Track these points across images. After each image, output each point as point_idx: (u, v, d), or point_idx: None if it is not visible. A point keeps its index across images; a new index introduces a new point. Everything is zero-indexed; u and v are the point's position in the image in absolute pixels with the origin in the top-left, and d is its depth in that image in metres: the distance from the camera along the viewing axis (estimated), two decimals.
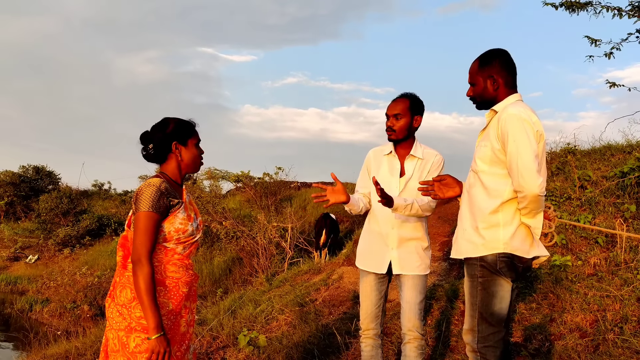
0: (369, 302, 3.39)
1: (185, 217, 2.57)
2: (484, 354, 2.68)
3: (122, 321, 2.47)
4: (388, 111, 3.33)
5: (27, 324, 10.04)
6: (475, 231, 2.69)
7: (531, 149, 2.51)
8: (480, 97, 2.79)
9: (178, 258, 2.58)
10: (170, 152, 2.62)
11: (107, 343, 2.54)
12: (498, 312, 2.65)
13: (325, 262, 9.12)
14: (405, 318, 3.28)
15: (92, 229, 19.20)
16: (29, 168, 24.39)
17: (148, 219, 2.42)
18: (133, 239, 2.44)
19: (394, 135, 3.32)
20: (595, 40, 7.90)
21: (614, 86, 7.80)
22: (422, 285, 3.31)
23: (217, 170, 16.63)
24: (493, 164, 2.66)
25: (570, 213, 6.07)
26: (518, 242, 2.62)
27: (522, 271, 2.69)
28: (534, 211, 2.60)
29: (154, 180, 2.51)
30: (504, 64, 2.74)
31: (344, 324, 5.23)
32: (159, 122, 2.65)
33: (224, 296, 8.64)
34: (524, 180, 2.51)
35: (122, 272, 2.53)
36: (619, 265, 4.83)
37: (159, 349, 2.39)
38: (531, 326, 4.31)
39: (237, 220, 11.46)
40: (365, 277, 3.41)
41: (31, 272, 16.67)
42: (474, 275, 2.70)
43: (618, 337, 3.81)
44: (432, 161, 3.35)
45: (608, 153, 7.80)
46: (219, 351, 4.95)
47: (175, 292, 2.55)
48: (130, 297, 2.47)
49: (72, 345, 5.78)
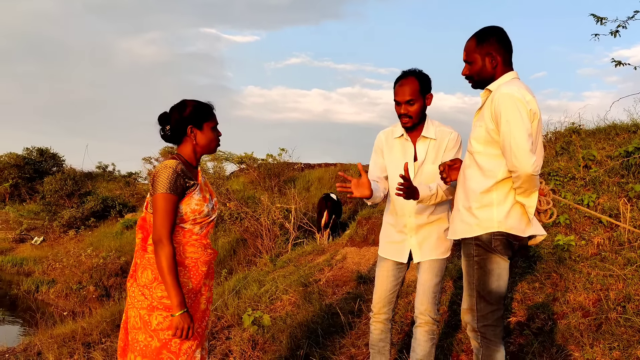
0: (383, 287, 3.29)
1: (201, 198, 2.61)
2: (483, 333, 2.69)
3: (144, 300, 2.53)
4: (398, 97, 3.10)
5: (34, 304, 10.14)
6: (469, 211, 2.68)
7: (524, 129, 2.47)
8: (478, 76, 2.74)
9: (196, 238, 2.62)
10: (186, 136, 2.64)
11: (127, 320, 2.61)
12: (496, 290, 2.65)
13: (328, 242, 9.15)
14: (419, 301, 3.19)
15: (96, 211, 19.30)
16: (33, 150, 24.44)
17: (166, 200, 2.46)
18: (153, 221, 2.48)
19: (411, 122, 3.11)
20: (601, 18, 7.79)
21: (619, 65, 7.70)
22: (440, 268, 3.19)
23: (221, 152, 16.62)
24: (487, 144, 2.63)
25: (574, 193, 6.05)
26: (514, 221, 2.60)
27: (519, 249, 2.68)
28: (529, 190, 2.57)
29: (170, 162, 2.54)
30: (501, 41, 2.69)
31: (347, 304, 5.26)
32: (177, 104, 2.66)
33: (229, 277, 8.70)
34: (517, 160, 2.47)
35: (143, 254, 2.59)
36: (623, 245, 4.82)
37: (183, 324, 2.45)
38: (534, 305, 4.33)
39: (240, 202, 11.48)
40: (383, 262, 3.31)
41: (37, 254, 16.80)
42: (470, 255, 2.69)
43: (621, 316, 3.82)
44: (446, 141, 3.16)
45: (613, 132, 7.74)
46: (224, 331, 4.99)
47: (195, 271, 2.61)
48: (152, 277, 2.53)
49: (78, 325, 5.84)
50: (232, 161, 17.11)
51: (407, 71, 3.13)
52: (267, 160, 16.19)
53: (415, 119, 3.11)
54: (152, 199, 2.51)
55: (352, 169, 16.37)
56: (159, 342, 2.50)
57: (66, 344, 5.25)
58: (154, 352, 2.50)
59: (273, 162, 16.11)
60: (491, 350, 2.68)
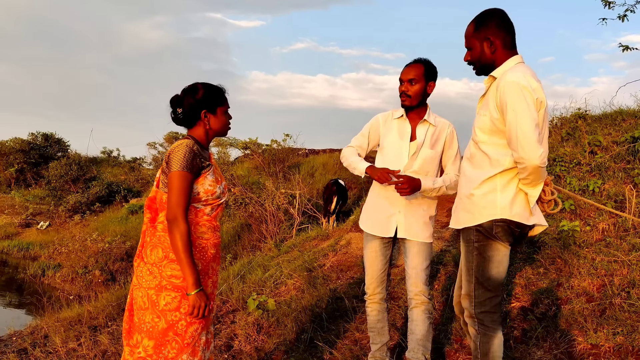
0: (374, 267, 3.40)
1: (214, 179, 2.61)
2: (481, 320, 2.67)
3: (152, 279, 2.51)
4: (402, 76, 3.27)
5: (40, 288, 10.23)
6: (470, 199, 2.65)
7: (531, 118, 2.41)
8: (479, 62, 2.68)
9: (207, 219, 2.61)
10: (199, 119, 2.63)
11: (132, 302, 2.59)
12: (495, 277, 2.62)
13: (333, 228, 9.17)
14: (412, 283, 3.30)
15: (101, 196, 19.38)
16: (38, 135, 24.52)
17: (182, 178, 2.45)
18: (168, 199, 2.47)
19: (408, 101, 3.26)
20: (609, 2, 7.72)
21: (627, 49, 7.64)
22: (428, 251, 3.32)
23: (226, 137, 16.63)
24: (493, 133, 2.58)
25: (579, 179, 6.03)
26: (519, 208, 2.57)
27: (519, 235, 2.65)
28: (535, 182, 2.53)
29: (186, 141, 2.53)
30: (501, 24, 2.60)
31: (351, 289, 5.28)
32: (189, 87, 2.64)
33: (233, 261, 8.73)
34: (524, 151, 2.42)
35: (153, 232, 2.56)
36: (628, 231, 4.82)
37: (200, 302, 2.46)
38: (538, 290, 4.34)
39: (245, 187, 11.51)
40: (370, 243, 3.41)
41: (43, 238, 16.90)
42: (470, 240, 2.66)
43: (625, 301, 3.82)
44: (446, 132, 3.32)
45: (619, 118, 7.70)
46: (229, 315, 5.02)
47: (205, 253, 2.60)
48: (162, 255, 2.51)
49: (84, 309, 5.87)
50: (237, 147, 17.13)
51: (417, 58, 3.31)
52: (271, 146, 16.18)
53: (413, 101, 3.26)
54: (167, 177, 2.50)
55: None
56: (166, 324, 2.49)
57: (73, 327, 5.29)
58: (160, 333, 2.49)
59: (277, 148, 16.10)
60: (488, 336, 2.66)
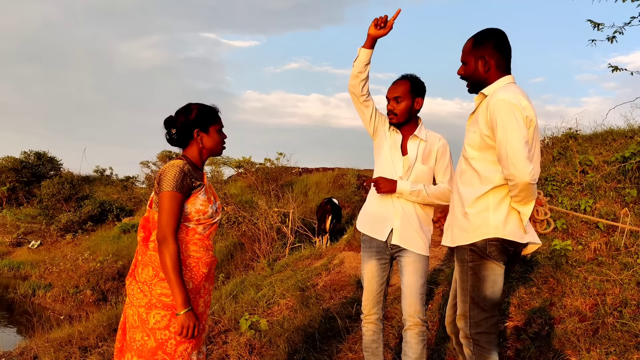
0: (371, 287, 3.37)
1: (206, 199, 2.64)
2: (477, 341, 2.63)
3: (142, 298, 2.53)
4: (388, 94, 3.28)
5: (31, 308, 10.12)
6: (465, 217, 2.63)
7: (521, 136, 2.43)
8: (471, 78, 2.71)
9: (199, 238, 2.64)
10: (192, 139, 2.67)
11: (125, 320, 2.61)
12: (490, 297, 2.60)
13: (326, 247, 9.15)
14: (406, 303, 3.24)
15: (94, 215, 19.28)
16: (30, 154, 24.39)
17: (172, 198, 2.49)
18: (158, 219, 2.50)
19: (395, 119, 3.27)
20: (598, 24, 7.85)
21: (616, 70, 7.75)
22: (424, 269, 3.25)
23: (219, 156, 16.63)
24: (483, 149, 2.59)
25: (571, 198, 6.06)
26: (513, 227, 2.56)
27: (514, 254, 2.64)
28: (526, 199, 2.53)
29: (177, 161, 2.57)
30: (498, 46, 2.64)
31: (344, 308, 5.26)
32: (183, 108, 2.70)
33: (226, 281, 8.69)
34: (514, 168, 2.43)
35: (145, 251, 2.60)
36: (619, 250, 4.83)
37: (189, 322, 2.46)
38: (531, 310, 4.33)
39: (238, 206, 11.48)
40: (367, 263, 3.38)
41: (34, 258, 16.77)
42: (464, 260, 2.64)
43: (617, 320, 3.82)
44: (437, 146, 3.30)
45: (610, 138, 7.77)
46: (221, 335, 4.98)
47: (196, 271, 2.62)
48: (152, 274, 2.54)
49: (75, 329, 5.82)
50: (230, 165, 17.15)
51: (403, 75, 3.32)
52: (265, 165, 16.20)
53: (400, 118, 3.26)
54: (158, 197, 2.53)
55: (349, 174, 16.39)
56: (155, 342, 2.48)
57: (63, 348, 5.23)
58: (149, 351, 2.49)
59: (271, 167, 16.12)
60: (484, 357, 2.62)
